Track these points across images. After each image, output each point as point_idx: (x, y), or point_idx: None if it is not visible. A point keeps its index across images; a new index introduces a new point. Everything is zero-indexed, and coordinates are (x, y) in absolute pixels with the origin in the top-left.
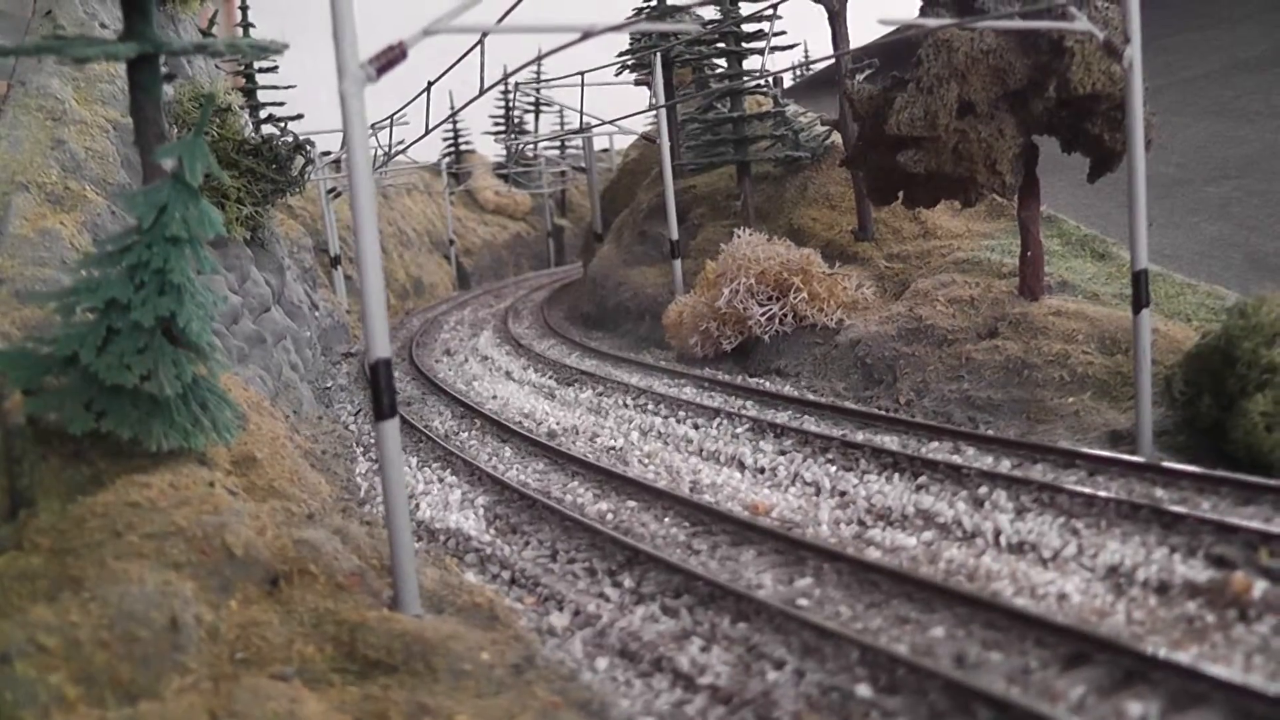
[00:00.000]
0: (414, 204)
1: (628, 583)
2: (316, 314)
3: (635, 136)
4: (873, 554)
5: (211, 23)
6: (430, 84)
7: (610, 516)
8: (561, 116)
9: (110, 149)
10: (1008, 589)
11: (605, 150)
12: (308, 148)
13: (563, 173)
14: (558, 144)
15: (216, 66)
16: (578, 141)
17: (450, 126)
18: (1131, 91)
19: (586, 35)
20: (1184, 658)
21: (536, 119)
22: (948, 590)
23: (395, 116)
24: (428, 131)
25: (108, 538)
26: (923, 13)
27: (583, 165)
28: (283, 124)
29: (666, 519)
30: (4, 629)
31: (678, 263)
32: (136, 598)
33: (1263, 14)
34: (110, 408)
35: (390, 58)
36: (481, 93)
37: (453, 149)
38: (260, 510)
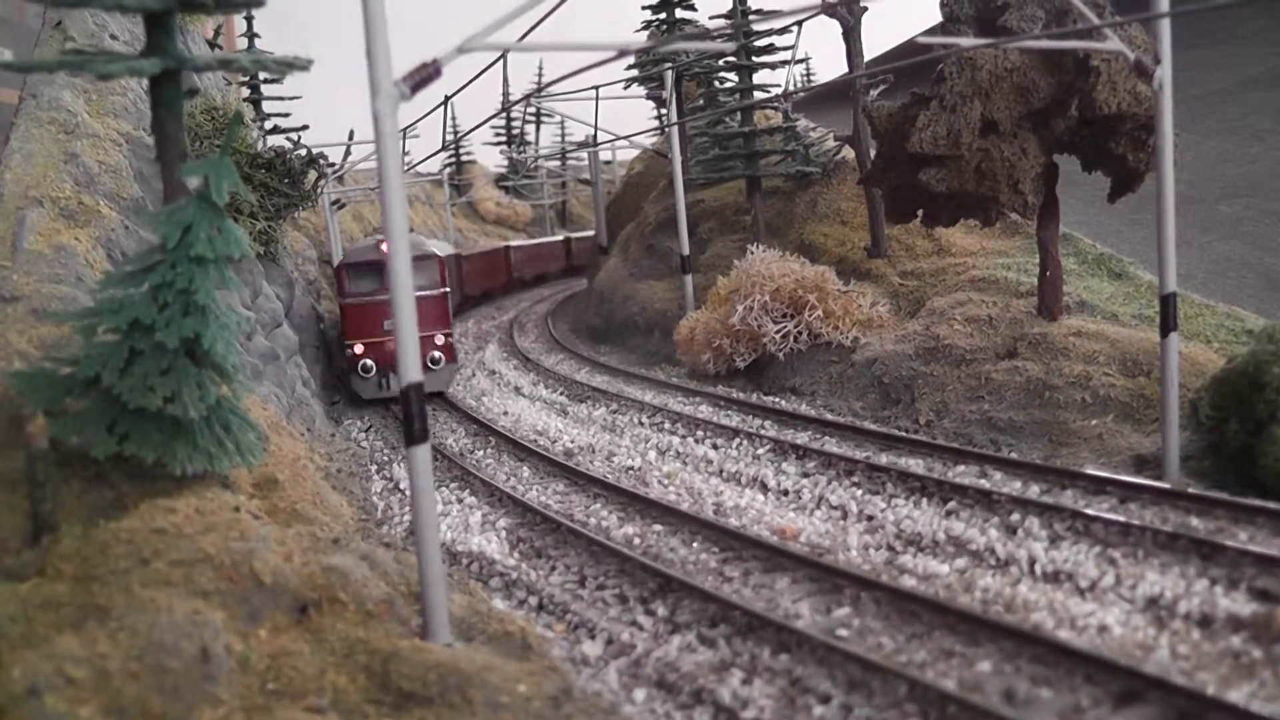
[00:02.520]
0: (415, 215)
1: (661, 611)
2: (322, 326)
3: (638, 149)
4: (907, 582)
5: (217, 33)
6: (448, 98)
7: (638, 541)
8: (563, 128)
9: (123, 163)
10: (1047, 621)
11: (608, 162)
12: (320, 161)
13: (563, 184)
14: (558, 155)
15: (225, 79)
16: (583, 154)
17: (452, 137)
18: (1161, 112)
19: (622, 53)
20: (1237, 697)
21: (537, 130)
22: (991, 623)
23: (406, 130)
24: (444, 146)
25: (134, 565)
26: (945, 31)
27: (584, 177)
28: (297, 137)
29: (695, 544)
30: (31, 660)
31: (688, 278)
32: (166, 627)
33: (1272, 30)
34: (133, 430)
35: (424, 75)
36: (504, 108)
37: (454, 160)
38: (286, 535)
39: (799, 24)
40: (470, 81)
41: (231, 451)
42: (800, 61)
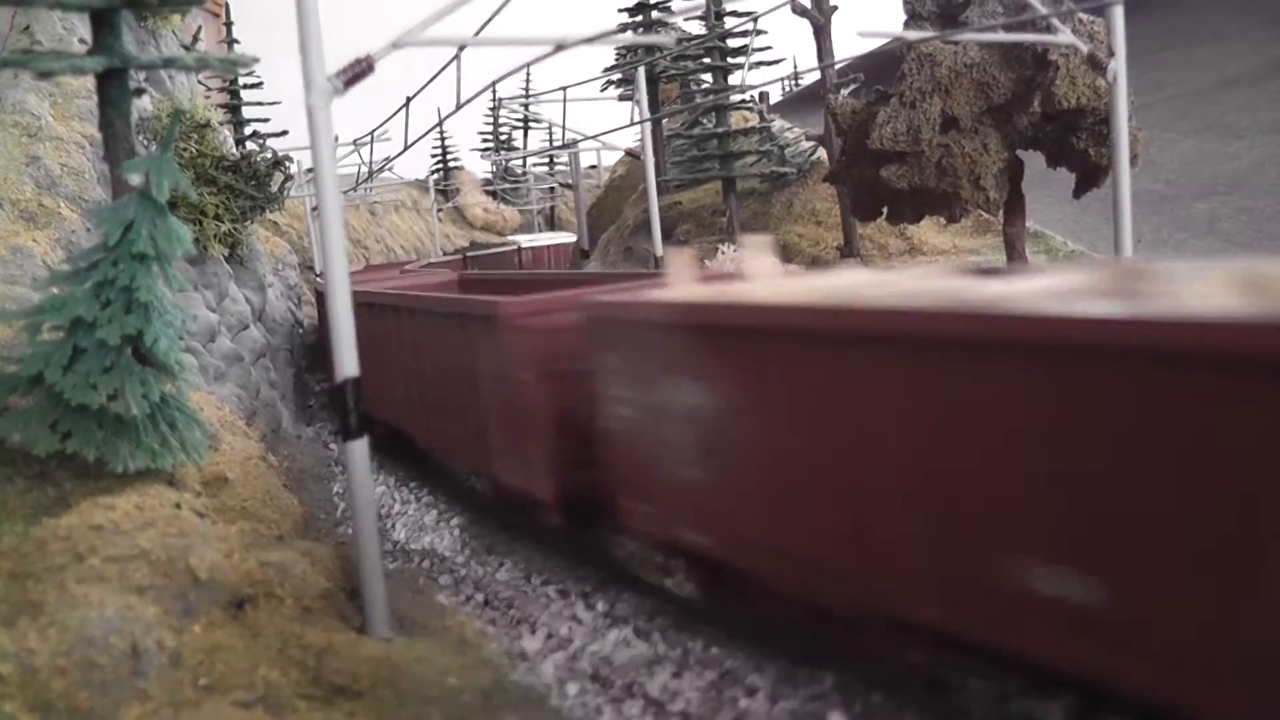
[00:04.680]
0: (402, 221)
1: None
2: (300, 331)
3: (622, 153)
4: None
5: (195, 39)
6: (409, 99)
7: None
8: (550, 134)
9: (86, 165)
10: None
11: (593, 167)
12: (286, 164)
13: (551, 189)
14: (546, 160)
15: (200, 82)
16: (566, 158)
17: (438, 143)
18: (1116, 105)
19: (560, 48)
20: None
21: (525, 136)
22: None
23: (376, 133)
24: (407, 147)
25: (69, 561)
26: (906, 27)
27: (568, 181)
28: (262, 140)
29: None
30: None
31: None
32: (96, 623)
33: (1251, 30)
34: (76, 428)
35: (357, 71)
36: (459, 106)
37: (441, 166)
38: (228, 532)
39: (754, 19)
40: (430, 80)
41: (176, 449)
42: (776, 62)
